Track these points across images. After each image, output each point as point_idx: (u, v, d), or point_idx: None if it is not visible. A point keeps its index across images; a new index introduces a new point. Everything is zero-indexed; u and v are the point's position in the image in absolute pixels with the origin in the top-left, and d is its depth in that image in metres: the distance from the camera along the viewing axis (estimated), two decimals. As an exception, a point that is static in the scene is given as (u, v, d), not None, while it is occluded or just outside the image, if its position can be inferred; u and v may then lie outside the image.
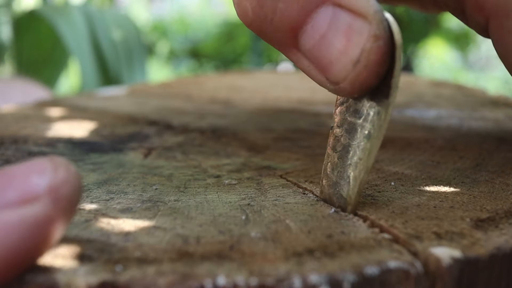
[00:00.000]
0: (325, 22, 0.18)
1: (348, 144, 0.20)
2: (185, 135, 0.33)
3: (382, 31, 0.18)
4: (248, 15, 0.19)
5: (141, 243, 0.17)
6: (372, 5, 0.18)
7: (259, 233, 0.17)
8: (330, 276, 0.15)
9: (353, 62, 0.18)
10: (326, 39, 0.18)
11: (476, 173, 0.24)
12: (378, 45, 0.18)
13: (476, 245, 0.17)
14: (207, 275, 0.15)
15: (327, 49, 0.18)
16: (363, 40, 0.18)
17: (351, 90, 0.19)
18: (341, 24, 0.18)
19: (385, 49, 0.18)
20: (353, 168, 0.19)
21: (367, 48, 0.18)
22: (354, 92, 0.19)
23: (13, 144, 0.30)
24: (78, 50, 0.92)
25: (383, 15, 0.18)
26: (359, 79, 0.18)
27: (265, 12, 0.19)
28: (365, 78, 0.18)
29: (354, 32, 0.18)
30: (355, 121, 0.19)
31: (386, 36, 0.18)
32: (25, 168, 0.15)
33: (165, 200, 0.21)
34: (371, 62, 0.18)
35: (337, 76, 0.19)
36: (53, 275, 0.15)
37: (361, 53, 0.18)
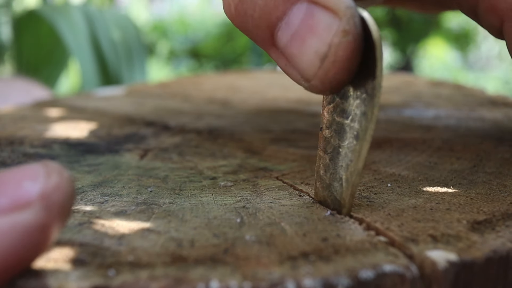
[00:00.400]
0: (298, 18, 0.19)
1: (338, 145, 0.19)
2: (182, 136, 0.32)
3: (352, 27, 0.18)
4: (231, 11, 0.20)
5: (135, 247, 0.17)
6: (345, 1, 0.18)
7: (254, 236, 0.17)
8: (324, 280, 0.15)
9: (321, 58, 0.18)
10: (298, 36, 0.19)
11: (474, 175, 0.24)
12: (347, 40, 0.18)
13: (472, 248, 0.17)
14: (200, 280, 0.15)
15: (298, 46, 0.19)
16: (331, 35, 0.18)
17: (322, 87, 0.19)
18: (312, 19, 0.18)
19: (354, 45, 0.18)
20: (344, 170, 0.19)
21: (335, 43, 0.18)
22: (325, 88, 0.19)
23: (9, 146, 0.30)
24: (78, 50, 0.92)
25: (355, 11, 0.18)
26: (328, 75, 0.18)
27: (245, 8, 0.19)
28: (334, 74, 0.18)
29: (323, 27, 0.18)
30: (343, 121, 0.19)
31: (357, 32, 0.18)
32: (17, 174, 0.15)
33: (160, 203, 0.21)
34: (339, 57, 0.18)
35: (307, 73, 0.19)
36: (44, 280, 0.14)
37: (329, 48, 0.18)
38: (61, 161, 0.27)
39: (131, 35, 1.07)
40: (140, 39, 1.09)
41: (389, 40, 2.11)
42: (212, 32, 2.57)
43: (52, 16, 0.91)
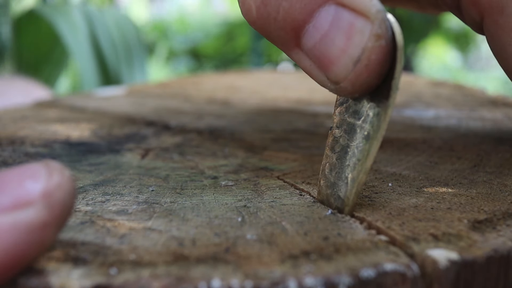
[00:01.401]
0: (327, 21, 0.18)
1: (347, 145, 0.19)
2: (182, 136, 0.33)
3: (384, 31, 0.18)
4: (252, 14, 0.19)
5: (136, 246, 0.17)
6: (375, 4, 0.18)
7: (255, 235, 0.17)
8: (326, 279, 0.15)
9: (354, 61, 0.18)
10: (328, 38, 0.18)
11: (474, 174, 0.24)
12: (379, 44, 0.18)
13: (473, 247, 0.17)
14: (202, 278, 0.15)
15: (328, 48, 0.18)
16: (365, 39, 0.18)
17: (352, 89, 0.18)
18: (343, 23, 0.18)
19: (386, 49, 0.18)
20: (351, 169, 0.19)
21: (368, 47, 0.18)
22: (355, 91, 0.19)
23: (10, 145, 0.30)
24: (78, 49, 0.92)
25: (385, 14, 0.18)
26: (360, 78, 0.18)
27: (269, 10, 0.19)
28: (366, 77, 0.18)
29: (356, 31, 0.18)
30: (355, 122, 0.19)
31: (388, 36, 0.18)
32: (19, 173, 0.15)
33: (161, 202, 0.21)
34: (372, 61, 0.18)
35: (337, 76, 0.18)
36: (46, 279, 0.15)
37: (362, 52, 0.18)
38: (62, 161, 0.27)
39: (131, 35, 1.07)
40: (139, 39, 1.09)
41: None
42: (212, 32, 2.57)
43: (52, 15, 0.91)
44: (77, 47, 0.92)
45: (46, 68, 1.02)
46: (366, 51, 0.18)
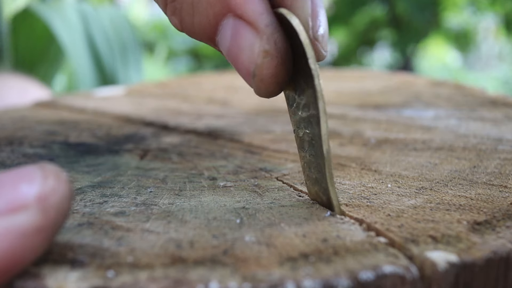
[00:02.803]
0: (228, 35, 0.21)
1: (311, 139, 0.20)
2: (181, 136, 0.32)
3: (272, 46, 0.19)
4: (178, 27, 0.22)
5: (134, 248, 0.16)
6: (264, 18, 0.19)
7: (254, 237, 0.17)
8: (324, 281, 0.15)
9: (251, 75, 0.20)
10: (231, 52, 0.21)
11: (474, 175, 0.24)
12: (268, 60, 0.19)
13: (473, 249, 0.16)
14: (200, 281, 0.15)
15: (234, 60, 0.21)
16: (255, 56, 0.20)
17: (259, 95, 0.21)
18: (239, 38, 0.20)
19: (277, 61, 0.20)
20: (321, 157, 0.19)
21: (258, 64, 0.20)
22: (263, 96, 0.21)
23: (9, 146, 0.29)
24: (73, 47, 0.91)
25: (274, 28, 0.19)
26: (261, 88, 0.20)
27: (187, 25, 0.22)
28: (266, 88, 0.20)
29: (248, 47, 0.20)
30: (307, 114, 0.20)
31: (277, 50, 0.19)
32: (14, 176, 0.14)
33: (159, 203, 0.21)
34: (265, 75, 0.20)
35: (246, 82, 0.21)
36: (43, 281, 0.14)
37: (255, 68, 0.20)
38: (61, 162, 0.27)
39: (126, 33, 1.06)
40: (135, 37, 1.09)
41: (389, 40, 2.11)
42: (212, 32, 2.56)
43: (46, 13, 0.91)
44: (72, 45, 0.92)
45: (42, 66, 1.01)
46: (257, 68, 0.20)
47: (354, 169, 0.25)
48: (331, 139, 0.31)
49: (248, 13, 0.20)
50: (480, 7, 2.04)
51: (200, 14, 0.21)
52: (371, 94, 0.46)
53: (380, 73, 0.62)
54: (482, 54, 2.88)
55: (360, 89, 0.49)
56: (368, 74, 0.60)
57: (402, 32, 1.94)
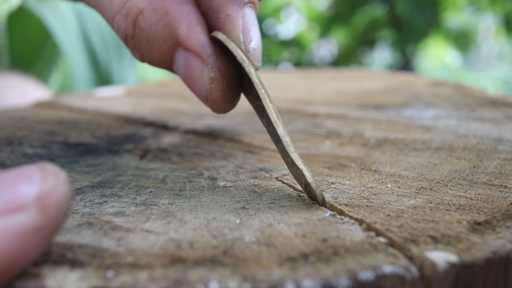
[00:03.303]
0: (181, 65, 0.24)
1: (272, 130, 0.22)
2: (181, 137, 0.32)
3: (216, 73, 0.23)
4: (140, 59, 0.25)
5: (134, 248, 0.16)
6: (207, 49, 0.23)
7: (253, 238, 0.17)
8: (324, 281, 0.15)
9: (205, 99, 0.24)
10: (186, 80, 0.24)
11: (474, 175, 0.24)
12: (215, 85, 0.23)
13: (472, 249, 0.16)
14: (200, 281, 0.14)
15: (190, 86, 0.24)
16: (204, 83, 0.23)
17: (215, 112, 0.25)
18: (190, 68, 0.23)
19: (223, 85, 0.23)
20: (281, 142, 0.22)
21: (208, 90, 0.23)
22: (222, 113, 0.24)
23: (8, 146, 0.29)
24: (68, 45, 0.91)
25: (216, 57, 0.23)
26: (215, 108, 0.24)
27: (147, 58, 0.25)
28: (218, 107, 0.24)
29: (198, 76, 0.23)
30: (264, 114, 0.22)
31: (221, 75, 0.23)
32: (13, 176, 0.14)
33: (159, 204, 0.21)
34: (216, 98, 0.23)
35: (204, 104, 0.24)
36: (43, 281, 0.14)
37: (206, 93, 0.23)
38: (60, 162, 0.27)
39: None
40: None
41: (389, 40, 2.11)
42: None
43: (42, 11, 0.90)
44: (68, 43, 0.91)
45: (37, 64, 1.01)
46: (208, 92, 0.23)
47: (354, 169, 0.25)
48: (331, 139, 0.31)
49: (194, 46, 0.23)
50: (480, 7, 2.04)
51: (156, 49, 0.24)
52: (371, 94, 0.46)
53: (380, 73, 0.62)
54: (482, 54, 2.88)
55: (360, 89, 0.49)
56: (368, 74, 0.60)
57: (402, 32, 1.94)
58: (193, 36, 0.23)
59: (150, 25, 0.24)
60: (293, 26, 2.63)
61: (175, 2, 0.24)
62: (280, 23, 2.53)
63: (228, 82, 0.23)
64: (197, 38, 0.23)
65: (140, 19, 0.24)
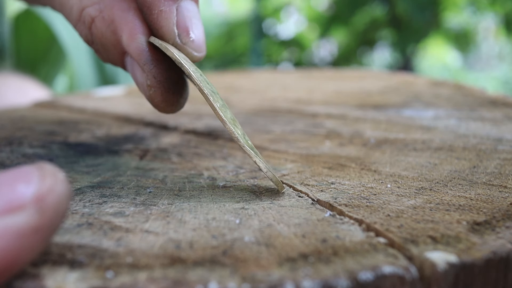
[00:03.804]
0: (130, 70, 0.25)
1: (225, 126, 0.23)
2: (181, 137, 0.32)
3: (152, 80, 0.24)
4: (102, 60, 0.26)
5: (133, 249, 0.16)
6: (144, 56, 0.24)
7: (253, 238, 0.17)
8: (324, 282, 0.15)
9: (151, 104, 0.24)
10: (136, 84, 0.25)
11: (473, 175, 0.24)
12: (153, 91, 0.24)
13: (472, 249, 0.16)
14: (199, 281, 0.14)
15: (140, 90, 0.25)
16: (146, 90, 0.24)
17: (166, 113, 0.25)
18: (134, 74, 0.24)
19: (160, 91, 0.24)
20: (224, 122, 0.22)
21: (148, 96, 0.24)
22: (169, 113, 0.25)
23: (8, 146, 0.29)
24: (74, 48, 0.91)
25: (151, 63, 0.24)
26: (161, 110, 0.25)
27: (107, 61, 0.26)
28: (164, 109, 0.25)
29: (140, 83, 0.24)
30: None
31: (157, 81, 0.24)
32: (11, 176, 0.14)
33: (159, 204, 0.21)
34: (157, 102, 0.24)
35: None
36: (42, 282, 0.14)
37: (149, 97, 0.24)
38: (60, 162, 0.27)
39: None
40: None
41: (389, 40, 2.11)
42: (212, 32, 2.56)
43: (48, 13, 0.90)
44: (74, 46, 0.91)
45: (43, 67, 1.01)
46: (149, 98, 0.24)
47: (354, 169, 0.25)
48: (331, 139, 0.31)
49: (133, 53, 0.24)
50: (480, 7, 2.04)
51: (110, 53, 0.25)
52: (371, 94, 0.46)
53: (380, 73, 0.62)
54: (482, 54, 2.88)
55: (360, 89, 0.49)
56: (368, 74, 0.60)
57: (402, 32, 1.94)
58: (132, 44, 0.24)
59: (101, 33, 0.25)
60: (293, 26, 2.63)
61: (120, 9, 0.24)
62: (280, 23, 2.53)
63: (167, 87, 0.24)
64: (135, 46, 0.24)
65: (93, 27, 0.25)
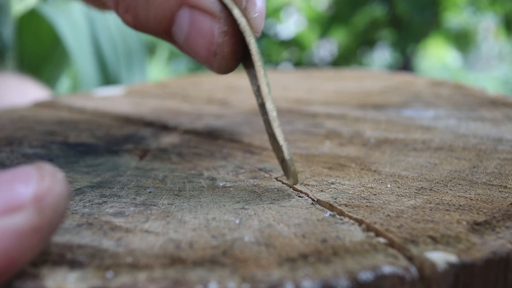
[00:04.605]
0: (185, 24, 0.23)
1: (262, 102, 0.23)
2: (181, 137, 0.32)
3: (229, 27, 0.22)
4: (131, 24, 0.24)
5: (133, 249, 0.16)
6: (217, 5, 0.22)
7: (253, 238, 0.17)
8: (324, 282, 0.15)
9: (214, 54, 0.23)
10: (191, 37, 0.23)
11: (473, 175, 0.24)
12: (227, 39, 0.23)
13: (472, 249, 0.16)
14: (199, 282, 0.14)
15: (194, 44, 0.23)
16: (215, 38, 0.23)
17: (220, 71, 0.24)
18: (197, 23, 0.23)
19: (234, 40, 0.23)
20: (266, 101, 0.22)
21: (219, 43, 0.23)
22: (223, 73, 0.24)
23: (8, 146, 0.29)
24: (78, 50, 0.91)
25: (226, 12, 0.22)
26: (222, 65, 0.23)
27: (141, 21, 0.24)
28: (226, 64, 0.23)
29: (208, 32, 0.23)
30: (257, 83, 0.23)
31: (232, 30, 0.22)
32: (10, 176, 0.14)
33: (159, 204, 0.21)
34: (226, 52, 0.23)
35: (207, 63, 0.23)
36: (42, 282, 0.14)
37: (216, 48, 0.23)
38: (60, 162, 0.27)
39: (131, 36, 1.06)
40: (140, 39, 1.09)
41: (389, 40, 2.11)
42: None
43: (52, 15, 0.91)
44: (78, 48, 0.91)
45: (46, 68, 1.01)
46: (218, 47, 0.23)
47: (354, 169, 0.25)
48: (331, 139, 0.31)
49: (204, 3, 0.23)
50: (480, 7, 2.04)
51: (155, 8, 0.23)
52: (371, 94, 0.46)
53: (380, 73, 0.62)
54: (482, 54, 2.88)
55: (360, 89, 0.49)
56: (368, 74, 0.60)
57: (402, 32, 1.94)
58: None
59: None
60: (293, 26, 2.64)
61: None
62: (280, 23, 2.53)
63: (238, 38, 0.23)
64: None
65: None
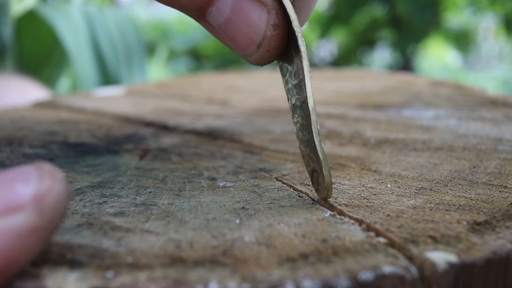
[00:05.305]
0: (227, 7, 0.21)
1: (301, 104, 0.21)
2: (181, 137, 0.32)
3: (280, 20, 0.20)
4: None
5: (133, 248, 0.16)
6: None
7: (253, 238, 0.17)
8: (324, 282, 0.15)
9: (257, 46, 0.21)
10: (232, 23, 0.21)
11: (474, 175, 0.24)
12: (277, 32, 0.20)
13: (472, 249, 0.16)
14: (199, 281, 0.14)
15: (234, 32, 0.21)
16: (264, 29, 0.20)
17: (258, 63, 0.22)
18: (243, 10, 0.20)
19: (284, 35, 0.21)
20: (312, 113, 0.20)
21: (268, 36, 0.20)
22: (260, 64, 0.22)
23: (8, 146, 0.29)
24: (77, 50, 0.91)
25: (278, 3, 0.20)
26: (264, 58, 0.21)
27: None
28: (268, 57, 0.21)
29: (255, 20, 0.20)
30: (297, 80, 0.21)
31: (284, 23, 0.20)
32: (9, 176, 0.14)
33: (159, 204, 0.21)
34: (272, 46, 0.21)
35: (244, 53, 0.21)
36: (42, 282, 0.14)
37: (263, 39, 0.20)
38: (60, 162, 0.27)
39: (131, 36, 1.06)
40: (139, 39, 1.09)
41: (389, 40, 2.11)
42: (212, 32, 2.56)
43: (51, 15, 0.91)
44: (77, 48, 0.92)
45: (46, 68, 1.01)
46: (266, 39, 0.20)
47: (354, 169, 0.25)
48: (331, 139, 0.31)
49: None
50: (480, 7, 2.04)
51: None
52: (371, 94, 0.46)
53: (380, 73, 0.62)
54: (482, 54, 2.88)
55: (360, 89, 0.49)
56: (368, 74, 0.60)
57: (402, 32, 1.94)
58: None
59: None
60: (293, 26, 2.63)
61: None
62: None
63: (287, 32, 0.21)
64: None
65: None
